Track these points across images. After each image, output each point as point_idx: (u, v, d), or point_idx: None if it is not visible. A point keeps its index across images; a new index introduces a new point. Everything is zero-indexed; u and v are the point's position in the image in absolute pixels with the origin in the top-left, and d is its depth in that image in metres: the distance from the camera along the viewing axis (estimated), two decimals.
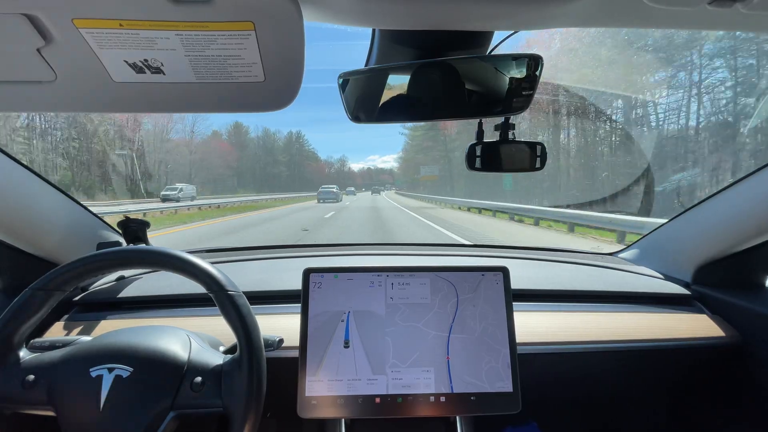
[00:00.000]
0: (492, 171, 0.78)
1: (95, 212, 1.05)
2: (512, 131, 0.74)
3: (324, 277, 0.77)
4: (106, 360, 0.61)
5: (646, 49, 14.60)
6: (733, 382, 0.98)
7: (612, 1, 0.44)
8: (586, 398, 1.10)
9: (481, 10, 0.45)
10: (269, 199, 31.25)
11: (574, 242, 7.89)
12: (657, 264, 1.18)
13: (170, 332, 0.67)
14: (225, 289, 0.63)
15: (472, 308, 0.77)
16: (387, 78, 0.66)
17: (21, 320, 0.61)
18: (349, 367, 0.73)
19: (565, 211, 9.88)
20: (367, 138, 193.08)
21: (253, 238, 8.52)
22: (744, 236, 0.91)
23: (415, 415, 0.72)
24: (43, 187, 0.88)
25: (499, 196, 19.35)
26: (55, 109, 0.52)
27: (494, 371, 0.74)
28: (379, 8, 0.44)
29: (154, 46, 0.41)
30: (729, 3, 0.39)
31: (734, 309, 0.96)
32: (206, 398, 0.60)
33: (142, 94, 0.48)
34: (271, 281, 1.03)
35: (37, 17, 0.37)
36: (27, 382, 0.60)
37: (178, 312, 0.93)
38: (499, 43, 0.64)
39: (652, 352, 0.93)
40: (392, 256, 1.28)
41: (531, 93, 0.64)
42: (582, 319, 0.96)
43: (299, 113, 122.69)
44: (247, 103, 0.51)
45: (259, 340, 0.63)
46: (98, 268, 0.65)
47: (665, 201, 10.87)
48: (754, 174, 0.87)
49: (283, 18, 0.39)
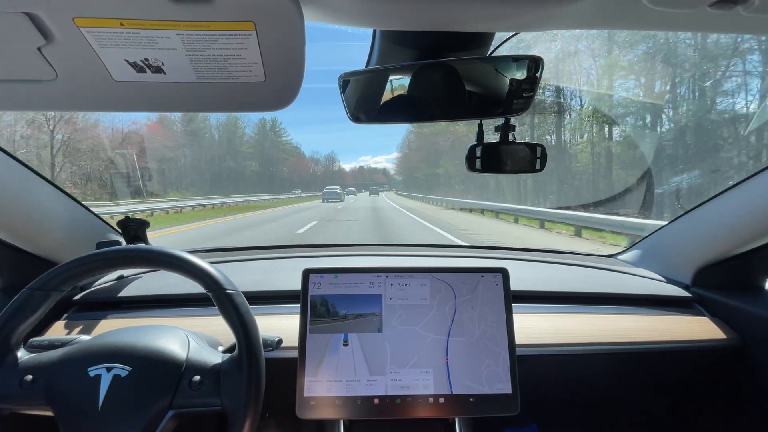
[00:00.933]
0: (492, 172, 0.78)
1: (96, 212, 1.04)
2: (512, 132, 0.74)
3: (323, 278, 0.77)
4: (104, 359, 0.61)
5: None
6: (733, 384, 0.98)
7: (612, 3, 0.44)
8: (586, 400, 1.10)
9: (481, 12, 0.45)
10: (224, 204, 21.46)
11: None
12: (657, 266, 1.18)
13: (168, 331, 0.67)
14: (223, 288, 0.63)
15: (471, 310, 0.77)
16: (387, 79, 0.66)
17: (19, 320, 0.61)
18: (348, 367, 0.73)
19: (619, 219, 8.36)
20: (359, 139, 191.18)
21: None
22: (744, 239, 0.91)
23: (413, 416, 0.72)
24: (43, 186, 0.88)
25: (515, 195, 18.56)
26: (56, 108, 0.52)
27: (493, 373, 0.74)
28: (379, 8, 0.44)
29: (154, 46, 0.41)
30: (729, 5, 0.39)
31: (734, 311, 0.96)
32: (205, 397, 0.60)
33: (142, 94, 0.48)
34: (270, 281, 1.03)
35: (37, 16, 0.37)
36: (25, 382, 0.60)
37: (178, 311, 0.93)
38: (500, 44, 0.64)
39: (651, 355, 0.93)
40: (392, 257, 1.28)
41: (531, 94, 0.64)
42: (581, 321, 0.96)
43: (292, 114, 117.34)
44: (247, 103, 0.51)
45: (257, 339, 0.63)
46: (97, 267, 0.65)
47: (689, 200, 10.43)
48: (754, 177, 0.87)
49: (284, 18, 0.39)
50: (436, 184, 46.84)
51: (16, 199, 0.81)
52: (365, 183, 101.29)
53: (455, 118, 0.69)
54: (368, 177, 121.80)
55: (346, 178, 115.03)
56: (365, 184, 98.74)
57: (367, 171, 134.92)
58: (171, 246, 0.68)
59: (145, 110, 0.51)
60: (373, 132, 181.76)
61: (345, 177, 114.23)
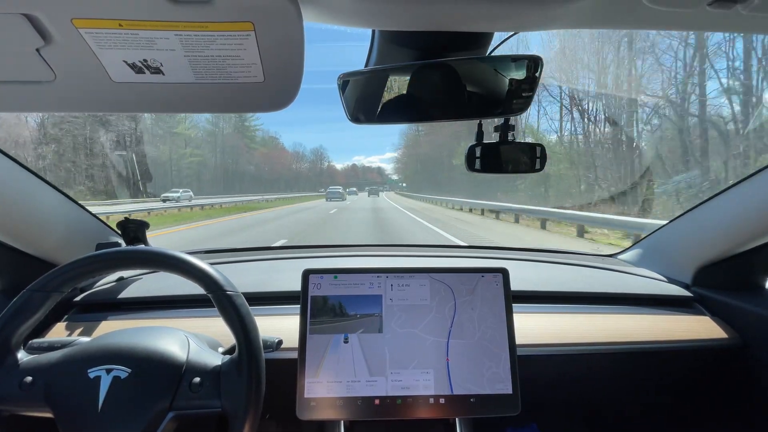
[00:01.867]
0: (492, 172, 0.78)
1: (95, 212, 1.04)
2: (512, 132, 0.74)
3: (323, 278, 0.77)
4: (104, 361, 0.61)
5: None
6: (734, 383, 0.98)
7: (612, 3, 0.44)
8: (586, 400, 1.10)
9: (481, 11, 0.45)
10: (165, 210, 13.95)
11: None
12: (657, 266, 1.18)
13: (168, 333, 0.67)
14: (224, 290, 0.63)
15: (471, 311, 0.77)
16: (387, 79, 0.66)
17: (19, 321, 0.61)
18: (348, 368, 0.73)
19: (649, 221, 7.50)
20: (350, 139, 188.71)
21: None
22: (744, 238, 0.91)
23: (414, 416, 0.72)
24: (42, 188, 0.88)
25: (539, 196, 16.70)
26: (55, 109, 0.52)
27: (494, 373, 0.74)
28: (379, 9, 0.44)
29: (153, 47, 0.41)
30: (729, 4, 0.39)
31: (735, 311, 0.96)
32: (205, 399, 0.60)
33: (141, 95, 0.48)
34: (270, 282, 1.03)
35: (36, 17, 0.37)
36: (25, 383, 0.60)
37: (177, 313, 0.93)
38: (499, 44, 0.64)
39: (652, 354, 0.92)
40: (392, 257, 1.28)
41: (531, 94, 0.64)
42: (582, 320, 0.96)
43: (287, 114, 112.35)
44: (246, 104, 0.51)
45: (258, 340, 0.63)
46: (97, 268, 0.65)
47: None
48: (754, 176, 0.87)
49: (283, 18, 0.39)
50: (448, 182, 37.65)
51: (15, 201, 0.81)
52: (360, 182, 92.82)
53: (455, 118, 0.69)
54: (362, 176, 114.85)
55: (337, 176, 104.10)
56: (361, 183, 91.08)
57: (361, 170, 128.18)
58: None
59: (143, 111, 0.51)
60: (363, 132, 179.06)
61: (335, 175, 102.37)
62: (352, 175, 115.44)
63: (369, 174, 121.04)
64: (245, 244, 8.39)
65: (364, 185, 74.65)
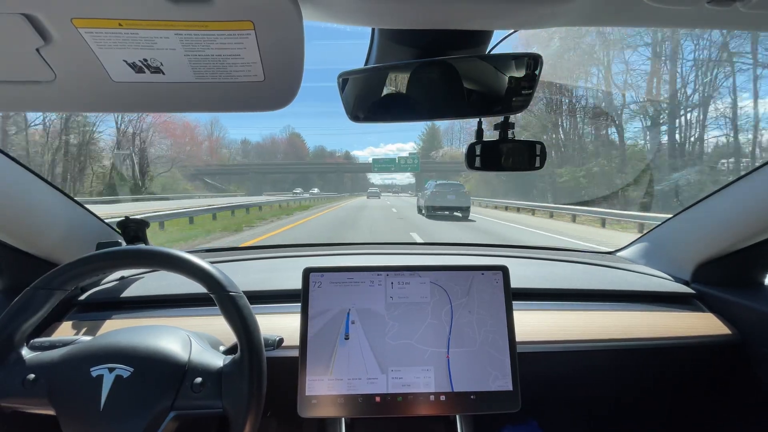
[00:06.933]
0: (492, 170, 0.78)
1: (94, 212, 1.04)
2: (512, 130, 0.74)
3: (324, 277, 0.77)
4: (106, 360, 0.61)
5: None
6: (733, 380, 0.98)
7: (611, 0, 0.44)
8: (586, 397, 1.10)
9: (480, 9, 0.45)
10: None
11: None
12: (657, 262, 1.18)
13: (171, 332, 0.67)
14: (226, 291, 0.63)
15: (468, 314, 0.77)
16: (386, 77, 0.66)
17: (22, 319, 0.61)
18: (349, 366, 0.73)
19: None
20: (343, 138, 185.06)
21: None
22: (744, 234, 0.91)
23: (415, 414, 0.72)
24: (43, 187, 0.88)
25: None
26: (55, 109, 0.52)
27: (494, 370, 0.74)
28: (378, 7, 0.44)
29: (153, 46, 0.41)
30: (728, 2, 0.39)
31: (734, 307, 0.97)
32: (206, 399, 0.60)
33: (141, 94, 0.48)
34: (271, 281, 1.03)
35: (36, 17, 0.37)
36: (27, 380, 0.60)
37: (179, 312, 0.93)
38: (498, 42, 0.64)
39: (651, 351, 0.93)
40: (392, 255, 1.28)
41: (530, 92, 0.64)
42: (582, 317, 0.96)
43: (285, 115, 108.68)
44: (246, 103, 0.51)
45: (259, 341, 0.63)
46: (100, 267, 0.65)
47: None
48: (754, 172, 0.87)
49: (283, 17, 0.39)
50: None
51: (16, 201, 0.81)
52: (358, 182, 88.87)
53: (454, 117, 0.69)
54: (359, 176, 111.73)
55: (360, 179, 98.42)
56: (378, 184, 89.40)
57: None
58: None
59: (144, 111, 0.51)
60: (357, 129, 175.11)
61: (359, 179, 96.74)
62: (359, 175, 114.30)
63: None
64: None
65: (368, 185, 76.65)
